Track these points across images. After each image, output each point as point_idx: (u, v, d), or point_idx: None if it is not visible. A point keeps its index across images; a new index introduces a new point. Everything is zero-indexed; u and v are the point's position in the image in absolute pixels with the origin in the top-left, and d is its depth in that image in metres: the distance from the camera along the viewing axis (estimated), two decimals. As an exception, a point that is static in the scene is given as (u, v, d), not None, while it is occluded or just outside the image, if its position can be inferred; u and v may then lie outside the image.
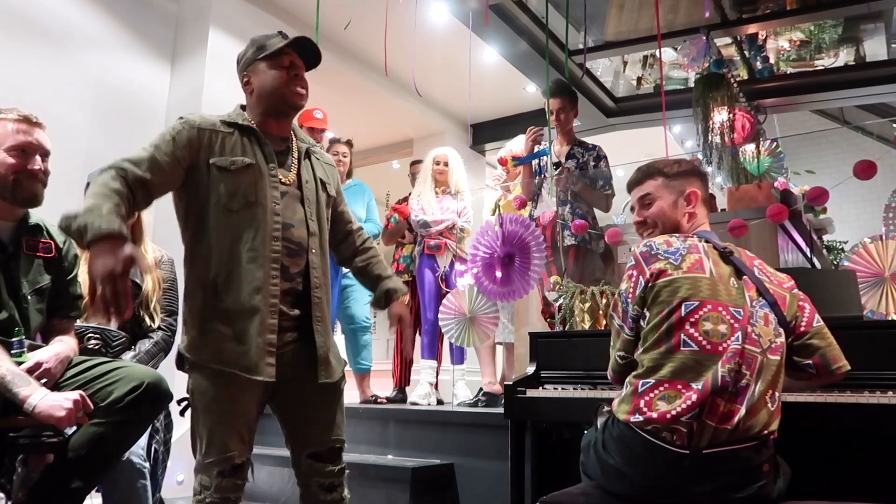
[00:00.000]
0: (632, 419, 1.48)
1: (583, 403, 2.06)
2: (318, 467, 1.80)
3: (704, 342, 1.49)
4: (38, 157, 1.98)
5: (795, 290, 1.64)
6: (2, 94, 3.45)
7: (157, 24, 4.48)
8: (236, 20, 4.53)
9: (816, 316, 1.62)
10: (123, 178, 1.64)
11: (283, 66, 1.82)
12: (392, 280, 2.03)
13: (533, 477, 2.24)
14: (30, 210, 2.07)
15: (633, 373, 1.58)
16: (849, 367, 1.61)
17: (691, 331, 1.50)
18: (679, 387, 1.46)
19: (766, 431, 1.46)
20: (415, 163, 4.80)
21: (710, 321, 1.51)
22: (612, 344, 1.74)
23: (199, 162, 1.75)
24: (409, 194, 4.58)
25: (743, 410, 1.44)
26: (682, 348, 1.50)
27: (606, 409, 1.63)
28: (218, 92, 4.34)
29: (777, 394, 1.52)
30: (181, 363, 1.75)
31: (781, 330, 1.56)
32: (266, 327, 1.69)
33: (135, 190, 1.66)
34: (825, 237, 4.35)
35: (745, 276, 1.60)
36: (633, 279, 1.64)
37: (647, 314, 1.60)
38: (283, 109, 1.84)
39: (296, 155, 1.88)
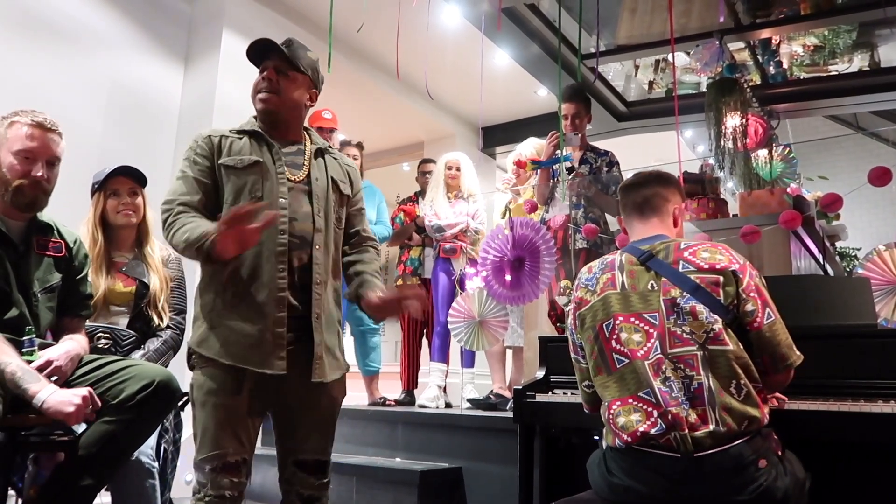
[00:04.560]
0: (616, 444, 1.54)
1: (592, 409, 2.05)
2: (301, 477, 1.79)
3: (627, 350, 1.56)
4: (41, 164, 1.97)
5: (734, 269, 1.56)
6: (16, 94, 3.48)
7: (171, 25, 4.51)
8: (249, 22, 4.55)
9: (768, 310, 1.56)
10: (189, 210, 1.75)
11: (259, 72, 1.89)
12: (369, 283, 1.90)
13: (541, 482, 2.23)
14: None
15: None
16: (796, 363, 1.59)
17: (617, 346, 1.59)
18: (630, 401, 1.53)
19: (747, 422, 1.45)
20: (423, 161, 4.78)
21: (624, 331, 1.58)
22: (577, 379, 1.82)
23: (214, 165, 1.82)
24: (415, 193, 4.58)
25: (710, 410, 1.45)
26: (618, 366, 1.58)
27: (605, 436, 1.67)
28: (230, 93, 4.36)
29: (744, 381, 1.48)
30: (189, 360, 1.78)
31: (717, 316, 1.52)
32: (275, 321, 1.72)
33: (202, 214, 1.77)
34: (838, 244, 4.32)
35: (664, 279, 1.59)
36: (573, 312, 1.75)
37: (584, 343, 1.69)
38: (260, 117, 1.91)
39: (307, 155, 1.91)
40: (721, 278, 1.55)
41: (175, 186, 1.81)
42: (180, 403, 1.86)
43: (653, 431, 1.47)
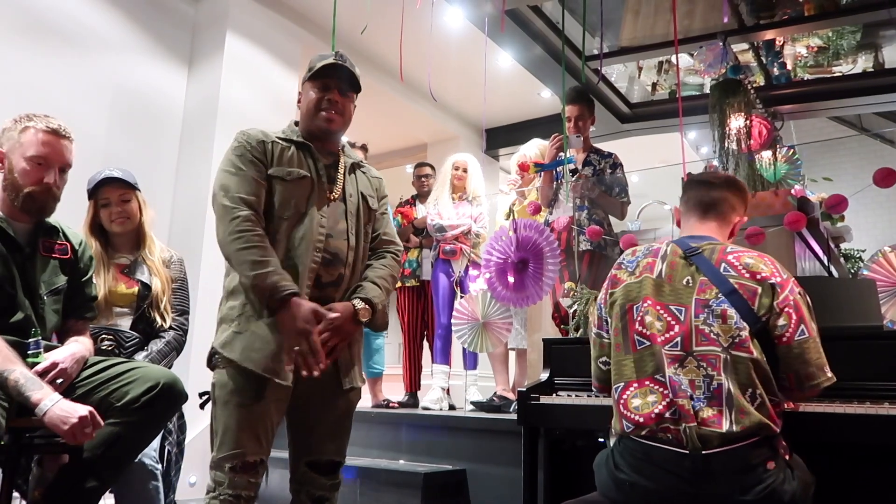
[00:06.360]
0: (625, 428, 1.54)
1: (596, 411, 2.05)
2: (312, 477, 1.84)
3: (648, 333, 1.58)
4: (54, 171, 1.98)
5: (773, 281, 1.54)
6: (21, 97, 3.49)
7: (175, 28, 4.52)
8: (253, 24, 4.56)
9: (802, 327, 1.53)
10: (255, 217, 1.75)
11: (319, 89, 1.89)
12: (362, 289, 1.87)
13: (546, 484, 2.23)
14: None
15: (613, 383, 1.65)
16: (824, 384, 1.55)
17: (640, 328, 1.60)
18: (647, 383, 1.55)
19: (761, 429, 1.45)
20: (419, 165, 4.79)
21: (649, 315, 1.60)
22: (592, 356, 1.82)
23: (266, 172, 1.83)
24: (412, 197, 4.58)
25: (727, 412, 1.45)
26: (637, 347, 1.59)
27: (613, 430, 1.66)
28: (234, 96, 4.37)
29: (759, 391, 1.48)
30: (211, 360, 1.81)
31: (745, 324, 1.51)
32: None
33: (263, 221, 1.79)
34: (843, 245, 4.31)
35: (703, 278, 1.58)
36: (605, 289, 1.75)
37: (610, 319, 1.71)
38: (315, 132, 1.91)
39: (342, 169, 1.93)
40: (759, 288, 1.54)
41: (233, 182, 1.77)
42: (201, 402, 1.87)
43: (667, 414, 1.49)
